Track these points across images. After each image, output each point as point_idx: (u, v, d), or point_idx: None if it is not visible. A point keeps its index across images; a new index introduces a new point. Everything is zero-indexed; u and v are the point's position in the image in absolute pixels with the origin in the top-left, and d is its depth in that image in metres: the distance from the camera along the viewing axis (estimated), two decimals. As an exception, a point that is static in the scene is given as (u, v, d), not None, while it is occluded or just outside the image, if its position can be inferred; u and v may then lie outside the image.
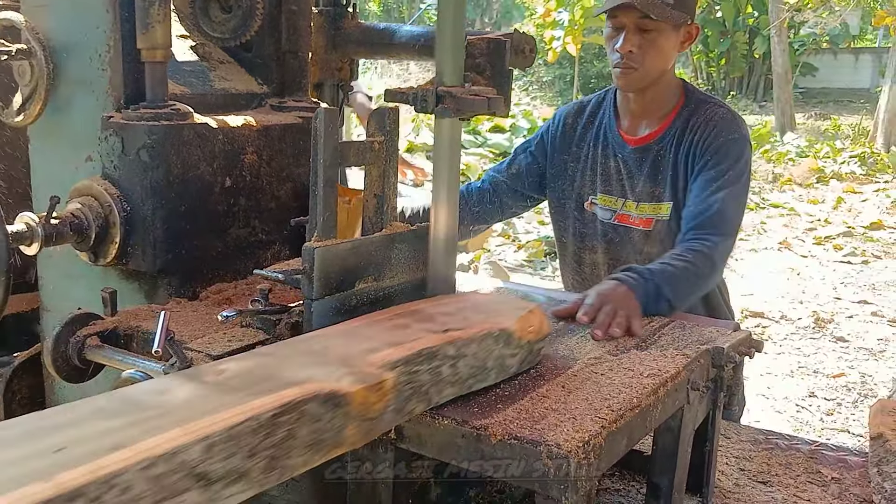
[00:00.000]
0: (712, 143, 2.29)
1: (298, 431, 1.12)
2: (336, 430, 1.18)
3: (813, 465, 2.23)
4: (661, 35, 2.28)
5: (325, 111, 1.58)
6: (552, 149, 2.57)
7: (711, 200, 2.22)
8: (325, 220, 1.62)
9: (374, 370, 1.26)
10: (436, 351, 1.39)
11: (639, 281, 1.94)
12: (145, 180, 1.85)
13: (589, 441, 1.33)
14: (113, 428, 0.98)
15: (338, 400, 1.17)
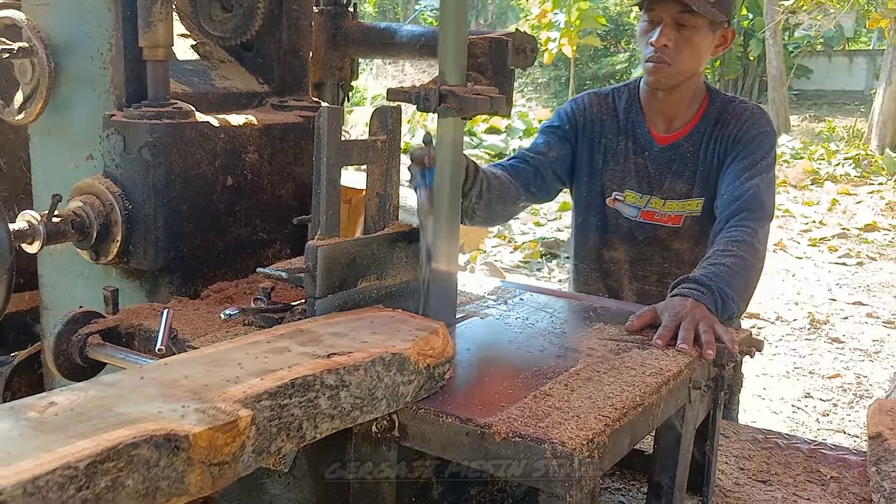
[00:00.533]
0: (744, 136, 2.28)
1: (125, 480, 0.94)
2: (175, 477, 1.00)
3: (812, 465, 2.24)
4: (697, 33, 2.22)
5: (328, 109, 1.58)
6: (582, 135, 2.48)
7: (747, 186, 2.20)
8: (328, 218, 1.62)
9: (227, 406, 1.09)
10: (311, 381, 1.23)
11: (703, 291, 1.89)
12: (147, 179, 1.85)
13: (593, 439, 1.33)
14: None
15: (177, 442, 0.99)
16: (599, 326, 1.94)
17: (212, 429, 1.03)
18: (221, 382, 1.16)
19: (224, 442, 1.05)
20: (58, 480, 0.86)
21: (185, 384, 1.15)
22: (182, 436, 1.00)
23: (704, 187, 2.36)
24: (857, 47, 24.96)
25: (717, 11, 2.21)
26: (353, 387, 1.30)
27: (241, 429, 1.08)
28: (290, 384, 1.19)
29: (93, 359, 1.74)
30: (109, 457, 0.91)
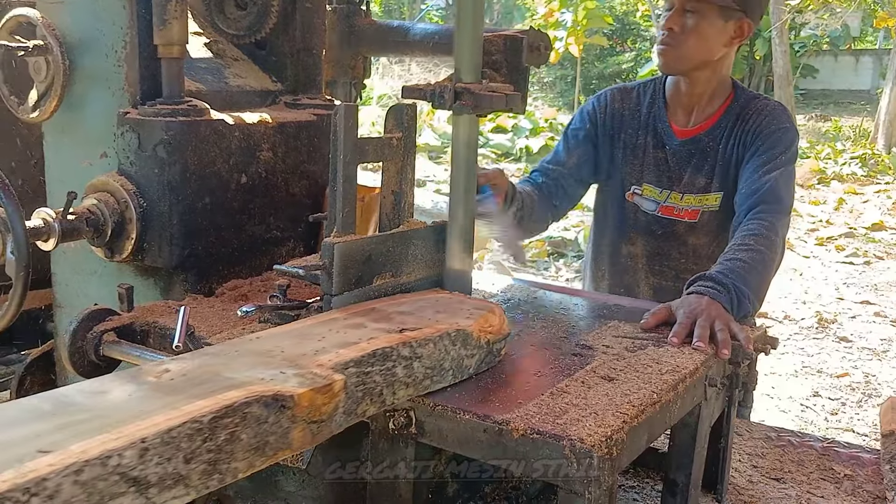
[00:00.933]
0: (764, 131, 2.30)
1: (241, 434, 1.08)
2: (281, 432, 1.14)
3: (825, 462, 2.23)
4: (704, 19, 2.24)
5: (344, 107, 1.58)
6: (602, 131, 2.51)
7: (765, 179, 2.22)
8: (344, 215, 1.62)
9: (323, 371, 1.23)
10: (389, 352, 1.37)
11: (719, 290, 1.90)
12: (162, 176, 1.85)
13: (611, 436, 1.33)
14: (43, 431, 0.94)
15: (283, 402, 1.13)
16: (614, 324, 1.94)
17: (312, 390, 1.17)
18: (311, 352, 1.31)
19: (322, 402, 1.20)
20: (187, 432, 1.00)
21: (279, 354, 1.29)
22: (288, 396, 1.14)
23: (723, 182, 2.37)
24: (863, 46, 24.90)
25: (729, 2, 2.23)
26: (424, 358, 1.43)
27: (336, 391, 1.22)
28: (372, 354, 1.33)
29: (108, 356, 1.74)
30: (227, 413, 1.05)
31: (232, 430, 1.06)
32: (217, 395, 1.08)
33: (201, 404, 1.05)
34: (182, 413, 1.02)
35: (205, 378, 1.15)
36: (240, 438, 1.08)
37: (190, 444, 1.01)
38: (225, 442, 1.06)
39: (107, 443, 0.92)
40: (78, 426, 0.96)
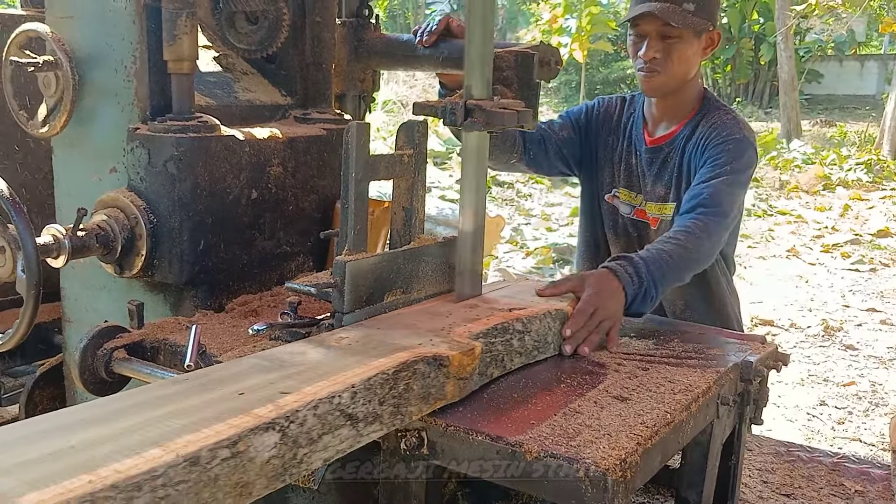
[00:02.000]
0: (712, 143, 2.32)
1: (413, 385, 1.39)
2: (439, 385, 1.44)
3: (836, 478, 2.23)
4: (682, 41, 2.31)
5: (356, 125, 1.58)
6: (592, 129, 2.60)
7: (703, 187, 2.24)
8: (356, 233, 1.62)
9: (463, 339, 1.52)
10: (507, 326, 1.64)
11: (632, 281, 1.93)
12: (173, 193, 1.84)
13: (626, 458, 1.32)
14: (275, 379, 1.27)
15: (441, 361, 1.43)
16: (625, 340, 1.93)
17: (460, 353, 1.46)
18: (447, 326, 1.60)
19: (467, 363, 1.47)
20: (379, 381, 1.31)
21: (422, 327, 1.60)
22: (444, 357, 1.43)
23: (677, 193, 2.40)
24: (867, 51, 24.88)
25: (699, 20, 2.28)
26: (532, 333, 1.70)
27: (476, 354, 1.50)
28: (494, 328, 1.61)
29: (118, 373, 1.74)
30: (403, 368, 1.36)
31: (407, 381, 1.37)
32: (392, 355, 1.39)
33: (384, 361, 1.36)
34: (372, 367, 1.33)
35: (375, 343, 1.48)
36: (412, 388, 1.39)
37: (381, 391, 1.32)
38: (403, 390, 1.37)
39: (329, 386, 1.23)
40: (299, 376, 1.28)
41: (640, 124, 2.52)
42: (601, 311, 1.83)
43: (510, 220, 10.64)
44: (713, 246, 2.20)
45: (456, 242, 1.82)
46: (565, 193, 12.64)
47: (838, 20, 18.89)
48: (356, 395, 1.26)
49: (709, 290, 2.46)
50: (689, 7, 2.26)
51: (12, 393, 2.42)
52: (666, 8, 2.25)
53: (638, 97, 2.59)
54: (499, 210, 10.97)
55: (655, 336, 1.97)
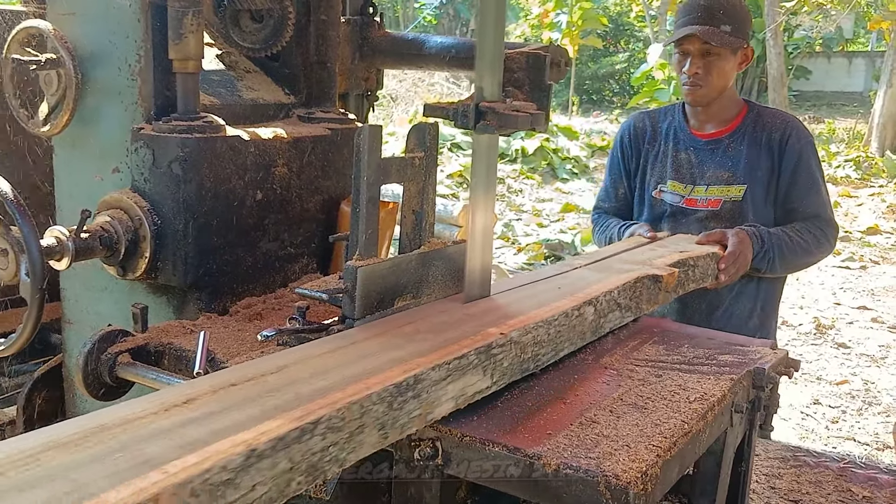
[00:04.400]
0: (799, 145, 2.72)
1: (642, 294, 1.95)
2: (656, 293, 1.98)
3: (843, 483, 2.22)
4: (721, 58, 2.66)
5: (368, 128, 1.55)
6: (629, 154, 2.97)
7: (819, 203, 2.73)
8: (367, 238, 1.59)
9: (666, 267, 2.04)
10: (688, 260, 2.19)
11: (760, 244, 2.54)
12: (177, 194, 1.81)
13: (647, 471, 1.29)
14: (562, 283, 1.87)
15: (658, 279, 1.97)
16: (635, 345, 1.91)
17: (668, 274, 1.98)
18: (649, 259, 2.14)
19: (670, 281, 2.00)
20: (627, 287, 1.89)
21: (633, 261, 2.13)
22: (660, 276, 1.97)
23: (748, 177, 2.74)
24: (855, 48, 24.95)
25: (734, 38, 2.64)
26: (699, 267, 2.29)
27: (675, 276, 2.03)
28: (681, 261, 2.16)
29: (122, 378, 1.71)
30: (638, 280, 1.92)
31: (640, 288, 1.92)
32: (628, 274, 1.93)
33: (619, 278, 1.90)
34: (621, 279, 1.88)
35: (607, 266, 2.06)
36: (642, 296, 1.94)
37: (627, 293, 1.87)
38: (636, 297, 1.91)
39: (602, 288, 1.79)
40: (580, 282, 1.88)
41: (684, 127, 2.87)
42: (741, 256, 2.45)
43: (501, 215, 10.62)
44: (829, 243, 2.75)
45: (465, 245, 1.79)
46: (556, 189, 12.64)
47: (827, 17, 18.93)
48: (619, 293, 1.82)
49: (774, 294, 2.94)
50: (726, 29, 2.61)
51: (12, 393, 2.38)
52: (706, 30, 2.59)
53: (671, 108, 2.97)
54: (490, 205, 10.95)
55: (666, 341, 1.95)
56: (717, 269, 2.40)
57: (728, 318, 2.77)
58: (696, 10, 2.64)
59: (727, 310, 2.79)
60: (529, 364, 1.55)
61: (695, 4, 2.67)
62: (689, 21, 2.64)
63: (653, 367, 1.77)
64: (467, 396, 1.39)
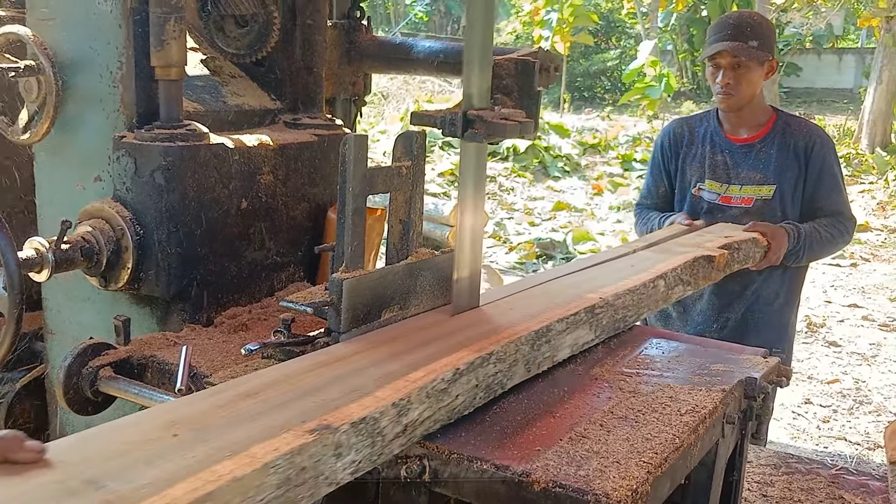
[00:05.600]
0: (823, 152, 3.08)
1: (698, 271, 2.28)
2: (710, 272, 2.31)
3: (835, 491, 2.20)
4: (749, 70, 3.01)
5: (354, 137, 1.52)
6: (669, 156, 3.32)
7: (841, 202, 3.12)
8: (353, 249, 1.56)
9: (717, 249, 2.37)
10: (732, 244, 2.51)
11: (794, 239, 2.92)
12: (160, 203, 1.78)
13: (637, 489, 1.27)
14: None
15: (711, 259, 2.31)
16: (625, 353, 1.89)
17: (719, 255, 2.33)
18: (701, 242, 2.48)
19: (721, 261, 2.35)
20: (691, 267, 2.23)
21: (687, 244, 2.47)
22: (712, 256, 2.31)
23: (777, 178, 3.09)
24: (845, 45, 25.00)
25: (761, 52, 2.99)
26: (742, 250, 2.61)
27: (725, 256, 2.39)
28: (728, 244, 2.50)
29: (104, 392, 1.68)
30: (696, 259, 2.26)
31: (697, 267, 2.26)
32: (685, 255, 2.28)
33: (680, 258, 2.23)
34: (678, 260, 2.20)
35: (666, 248, 2.42)
36: (699, 273, 2.27)
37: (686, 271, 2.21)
38: (694, 274, 2.25)
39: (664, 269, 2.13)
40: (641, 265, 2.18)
41: (719, 132, 3.22)
42: (780, 248, 2.86)
43: (493, 214, 10.60)
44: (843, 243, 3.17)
45: (453, 255, 1.77)
46: (547, 187, 12.63)
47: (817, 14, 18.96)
48: (682, 270, 2.17)
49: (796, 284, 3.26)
50: (753, 44, 2.96)
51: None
52: (736, 46, 2.95)
53: (705, 116, 3.33)
54: (481, 204, 10.91)
55: (657, 351, 1.93)
56: (757, 253, 2.76)
57: (756, 297, 3.12)
58: (727, 28, 3.01)
59: (756, 290, 3.12)
60: (620, 324, 1.93)
61: (725, 23, 3.07)
62: (720, 38, 3.00)
63: (644, 377, 1.74)
64: (579, 345, 1.79)
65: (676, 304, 3.10)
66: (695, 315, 3.19)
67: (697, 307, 3.18)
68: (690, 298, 3.07)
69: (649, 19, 21.38)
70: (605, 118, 18.74)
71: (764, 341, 2.65)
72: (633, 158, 14.34)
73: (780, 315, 3.17)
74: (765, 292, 3.13)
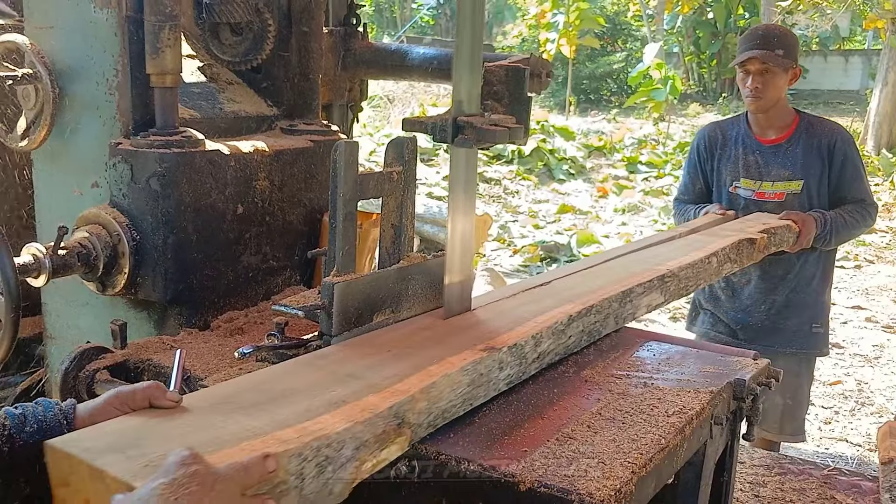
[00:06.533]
0: (845, 147, 3.42)
1: (743, 251, 2.68)
2: (752, 252, 2.70)
3: (826, 491, 2.21)
4: (775, 76, 3.35)
5: (345, 144, 1.54)
6: (705, 157, 3.68)
7: (863, 190, 3.44)
8: (344, 254, 1.58)
9: (757, 233, 2.73)
10: (769, 229, 2.88)
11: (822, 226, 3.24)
12: (156, 209, 1.80)
13: (620, 489, 1.29)
14: None
15: (753, 240, 2.68)
16: (616, 356, 1.90)
17: (761, 239, 2.66)
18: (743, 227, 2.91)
19: (763, 242, 2.72)
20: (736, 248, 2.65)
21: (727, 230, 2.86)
22: (755, 238, 2.68)
23: (804, 173, 3.43)
24: (851, 47, 24.94)
25: (786, 60, 3.33)
26: (778, 235, 2.94)
27: (766, 238, 2.76)
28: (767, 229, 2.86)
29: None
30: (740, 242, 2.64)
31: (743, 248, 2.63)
32: (732, 238, 2.65)
33: (728, 240, 2.58)
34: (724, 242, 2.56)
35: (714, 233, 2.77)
36: (743, 253, 2.64)
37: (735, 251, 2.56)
38: (739, 254, 2.61)
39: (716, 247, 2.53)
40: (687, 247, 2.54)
41: (749, 135, 3.56)
42: (809, 233, 3.18)
43: (497, 217, 10.61)
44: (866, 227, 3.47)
45: (444, 259, 1.79)
46: (552, 190, 12.64)
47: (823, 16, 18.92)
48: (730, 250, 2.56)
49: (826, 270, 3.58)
50: (779, 52, 3.31)
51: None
52: (764, 54, 3.30)
53: (736, 120, 3.68)
54: (486, 207, 10.95)
55: (648, 353, 1.95)
56: (791, 238, 3.11)
57: (797, 279, 3.45)
58: (756, 39, 3.39)
59: (797, 273, 3.45)
60: (683, 291, 2.32)
61: (755, 34, 3.45)
62: (750, 46, 3.36)
63: (634, 380, 1.76)
64: (652, 306, 2.16)
65: (725, 287, 3.49)
66: (744, 298, 3.47)
67: (746, 291, 3.47)
68: (739, 283, 3.46)
69: (655, 22, 21.38)
70: (611, 121, 18.74)
71: (805, 319, 3.45)
72: (638, 161, 14.33)
73: (818, 294, 3.51)
74: (804, 275, 3.46)
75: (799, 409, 3.49)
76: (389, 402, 1.31)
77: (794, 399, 3.45)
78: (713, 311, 3.56)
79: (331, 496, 1.19)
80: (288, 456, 1.10)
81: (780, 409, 3.39)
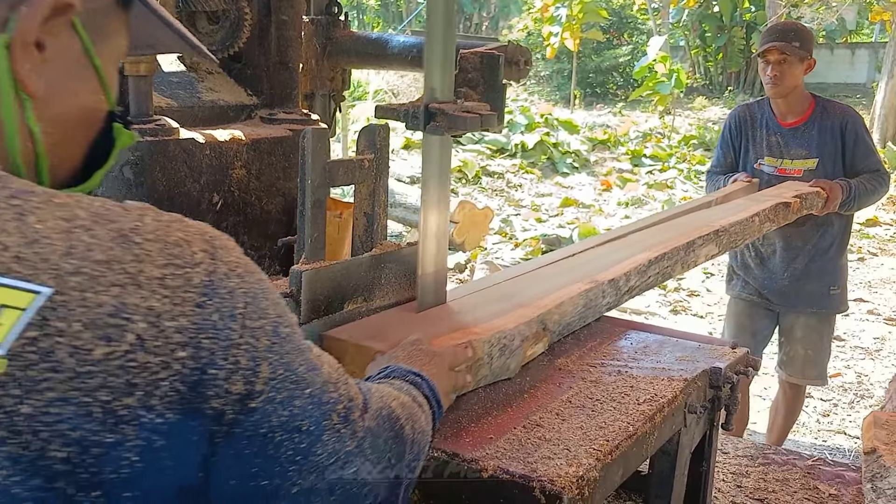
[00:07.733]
0: (855, 127, 3.88)
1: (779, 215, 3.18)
2: (787, 213, 3.20)
3: (810, 481, 2.21)
4: (792, 65, 3.79)
5: (313, 130, 1.54)
6: (736, 134, 4.14)
7: (875, 161, 3.91)
8: (312, 241, 1.58)
9: (791, 198, 3.25)
10: (800, 195, 3.37)
11: (848, 192, 3.66)
12: (129, 198, 1.80)
13: (583, 475, 1.29)
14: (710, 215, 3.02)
15: (788, 203, 3.21)
16: (593, 345, 1.90)
17: (794, 202, 3.28)
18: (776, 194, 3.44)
19: (796, 206, 3.30)
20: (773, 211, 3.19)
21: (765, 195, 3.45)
22: (789, 202, 3.26)
23: (820, 152, 3.87)
24: (858, 40, 24.81)
25: (802, 51, 3.77)
26: (808, 200, 3.43)
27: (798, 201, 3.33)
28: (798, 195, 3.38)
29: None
30: (779, 205, 3.23)
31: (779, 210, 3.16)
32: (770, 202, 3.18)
33: (767, 204, 3.15)
34: (763, 204, 3.13)
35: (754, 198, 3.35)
36: (780, 214, 3.16)
37: (774, 212, 3.15)
38: (776, 215, 3.16)
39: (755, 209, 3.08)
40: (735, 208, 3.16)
41: (772, 117, 4.01)
42: (836, 198, 3.61)
43: (500, 210, 10.60)
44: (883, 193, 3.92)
45: (418, 248, 1.78)
46: (556, 184, 12.62)
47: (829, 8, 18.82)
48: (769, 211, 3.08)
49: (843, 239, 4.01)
50: (796, 44, 3.74)
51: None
52: (783, 45, 3.73)
53: (761, 103, 4.12)
54: (488, 200, 10.93)
55: (625, 342, 1.94)
56: (819, 203, 3.54)
57: (816, 248, 3.86)
58: (776, 32, 3.85)
59: (816, 243, 3.87)
60: (732, 244, 2.82)
61: (774, 28, 3.93)
62: (770, 39, 3.80)
63: (608, 368, 1.75)
64: (708, 257, 2.63)
65: (755, 256, 3.95)
66: (771, 266, 3.93)
67: (772, 260, 3.93)
68: (766, 252, 3.93)
69: (661, 15, 21.30)
70: (616, 114, 18.69)
71: (824, 283, 3.86)
72: (642, 154, 14.29)
73: (835, 260, 3.94)
74: (821, 245, 3.89)
75: (819, 358, 4.03)
76: (537, 313, 1.76)
77: (814, 350, 3.98)
78: (744, 277, 4.03)
79: (508, 371, 1.66)
80: (482, 343, 1.54)
81: (802, 358, 3.96)
